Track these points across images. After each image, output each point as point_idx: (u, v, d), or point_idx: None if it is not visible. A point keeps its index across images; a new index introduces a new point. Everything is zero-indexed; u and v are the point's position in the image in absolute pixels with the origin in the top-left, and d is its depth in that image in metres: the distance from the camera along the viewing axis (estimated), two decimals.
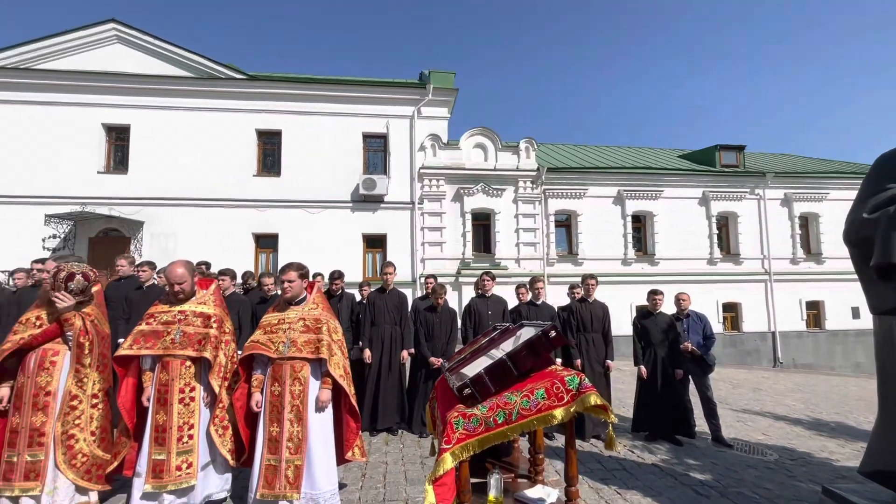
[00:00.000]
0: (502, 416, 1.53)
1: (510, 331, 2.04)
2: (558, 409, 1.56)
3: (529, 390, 1.57)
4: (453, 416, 1.50)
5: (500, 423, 1.53)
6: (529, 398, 1.55)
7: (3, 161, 12.22)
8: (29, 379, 2.96)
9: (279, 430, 3.00)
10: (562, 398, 1.57)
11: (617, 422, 1.60)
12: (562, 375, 1.62)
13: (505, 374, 1.59)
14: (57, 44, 12.73)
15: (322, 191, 13.13)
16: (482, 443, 1.50)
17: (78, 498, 3.03)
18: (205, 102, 13.07)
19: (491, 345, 1.97)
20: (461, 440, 1.48)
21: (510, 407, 1.54)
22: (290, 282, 3.14)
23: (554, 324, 1.67)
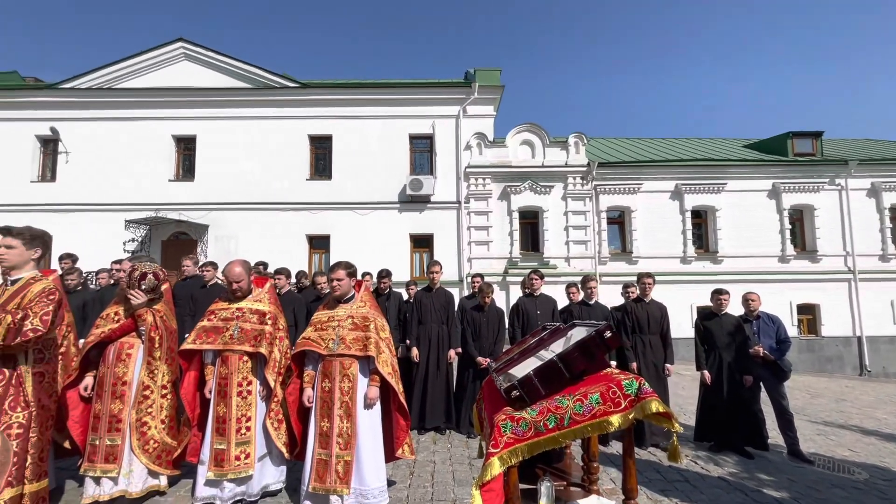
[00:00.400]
0: (553, 421, 1.45)
1: (560, 331, 1.94)
2: (615, 415, 1.45)
3: (583, 394, 1.47)
4: (501, 418, 1.44)
5: (552, 428, 1.44)
6: (583, 403, 1.46)
7: (90, 173, 13.55)
8: (108, 369, 3.22)
9: (329, 426, 3.07)
10: (619, 404, 1.46)
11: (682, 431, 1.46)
12: (618, 379, 1.51)
13: (556, 376, 1.51)
14: (133, 64, 13.93)
15: (371, 192, 13.44)
16: (532, 448, 1.42)
17: (150, 481, 3.25)
18: (261, 111, 13.78)
19: (540, 345, 1.88)
20: (509, 444, 1.41)
21: (562, 411, 1.46)
22: (339, 280, 3.20)
23: (609, 323, 1.56)
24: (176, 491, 3.40)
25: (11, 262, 2.56)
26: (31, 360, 2.48)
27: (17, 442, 2.36)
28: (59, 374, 3.16)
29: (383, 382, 3.14)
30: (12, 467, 2.31)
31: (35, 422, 2.44)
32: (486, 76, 13.78)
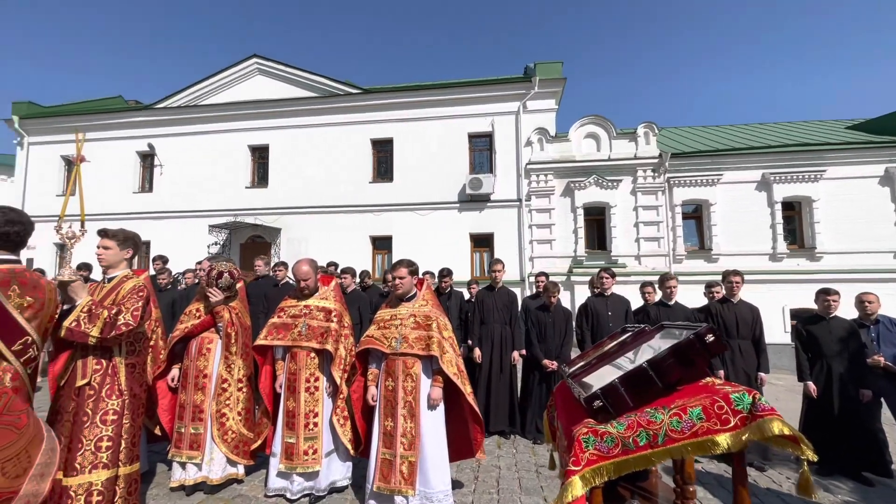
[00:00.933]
0: (645, 438, 1.25)
1: (645, 334, 1.71)
2: (722, 434, 1.22)
3: (680, 408, 1.26)
4: (582, 432, 1.27)
5: (643, 446, 1.25)
6: (681, 418, 1.25)
7: (179, 183, 14.94)
8: (192, 362, 3.44)
9: (393, 425, 3.03)
10: (727, 421, 1.23)
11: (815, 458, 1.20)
12: (725, 392, 1.28)
13: (646, 385, 1.31)
14: (214, 82, 15.14)
15: (431, 193, 13.52)
16: (619, 468, 1.24)
17: (229, 469, 3.42)
18: (327, 119, 14.39)
19: (622, 350, 1.68)
20: (592, 462, 1.24)
21: (655, 427, 1.26)
22: (401, 278, 3.16)
23: (711, 326, 1.33)
24: (251, 480, 3.55)
25: (108, 261, 2.79)
26: (124, 351, 2.67)
27: (113, 427, 2.55)
28: (149, 366, 3.41)
29: (449, 383, 3.06)
30: (107, 451, 2.50)
31: (128, 409, 2.63)
32: (547, 69, 13.34)
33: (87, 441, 2.47)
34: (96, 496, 2.45)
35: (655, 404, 1.30)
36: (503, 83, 13.50)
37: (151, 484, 3.48)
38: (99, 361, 2.58)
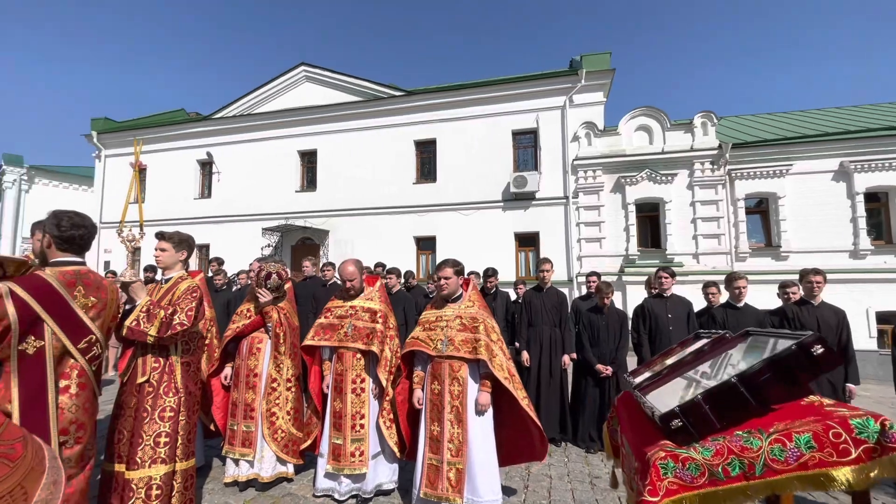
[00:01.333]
0: (738, 467, 1.06)
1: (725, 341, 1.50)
2: (841, 468, 1.01)
3: (783, 433, 1.06)
4: (659, 456, 1.10)
5: (735, 477, 1.06)
6: (785, 445, 1.05)
7: (235, 189, 15.73)
8: (243, 361, 3.51)
9: (440, 430, 2.94)
10: (846, 452, 1.02)
11: None
12: (842, 415, 1.06)
13: (735, 403, 1.11)
14: (265, 91, 15.82)
15: (474, 192, 13.39)
16: (706, 501, 1.06)
17: (279, 467, 3.47)
18: (371, 122, 14.62)
19: (697, 359, 1.48)
20: (673, 492, 1.07)
21: (751, 454, 1.06)
22: (446, 278, 3.06)
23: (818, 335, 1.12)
24: (300, 479, 3.58)
25: (164, 262, 2.89)
26: (179, 350, 2.75)
27: (170, 423, 2.62)
28: (204, 364, 3.53)
29: (500, 388, 2.93)
30: (165, 447, 2.58)
31: (184, 406, 2.70)
32: (594, 61, 12.82)
33: (146, 436, 2.56)
34: (155, 490, 2.53)
35: (748, 426, 1.10)
36: (548, 78, 13.13)
37: (207, 478, 3.59)
38: (157, 360, 2.66)
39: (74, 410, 2.16)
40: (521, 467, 3.93)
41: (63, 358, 2.13)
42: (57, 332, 2.09)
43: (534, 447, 3.18)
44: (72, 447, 2.15)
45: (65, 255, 2.24)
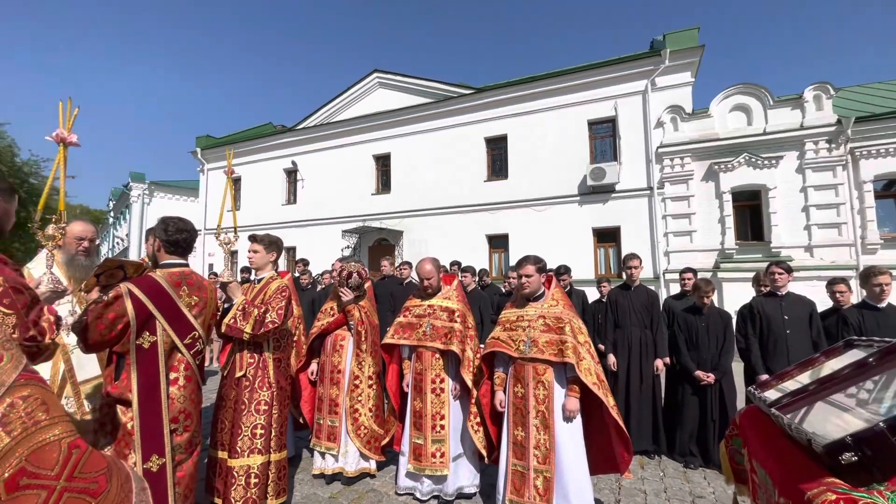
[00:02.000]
0: None
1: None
2: None
3: None
4: (829, 499, 0.87)
5: None
6: None
7: (317, 194, 16.72)
8: (327, 358, 3.63)
9: (524, 435, 2.79)
10: None
11: None
12: None
13: None
14: (342, 100, 16.63)
15: (547, 188, 12.94)
16: None
17: (362, 463, 3.54)
18: (442, 122, 14.73)
19: (859, 374, 1.18)
20: None
21: None
22: (528, 276, 2.90)
23: None
24: (382, 476, 3.62)
25: (257, 263, 3.06)
26: (271, 347, 2.89)
27: (265, 416, 2.76)
28: (293, 360, 3.70)
29: (588, 393, 2.72)
30: (260, 438, 2.72)
31: (276, 400, 2.83)
32: (679, 39, 11.75)
33: (245, 427, 2.71)
34: (254, 478, 2.67)
35: None
36: (627, 62, 12.27)
37: (298, 469, 3.77)
38: (252, 355, 2.82)
39: (182, 401, 2.33)
40: (611, 479, 3.65)
41: (172, 352, 2.31)
42: (167, 329, 2.27)
43: (616, 458, 2.93)
44: (181, 434, 2.33)
45: (172, 258, 2.44)
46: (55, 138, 1.90)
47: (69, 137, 1.92)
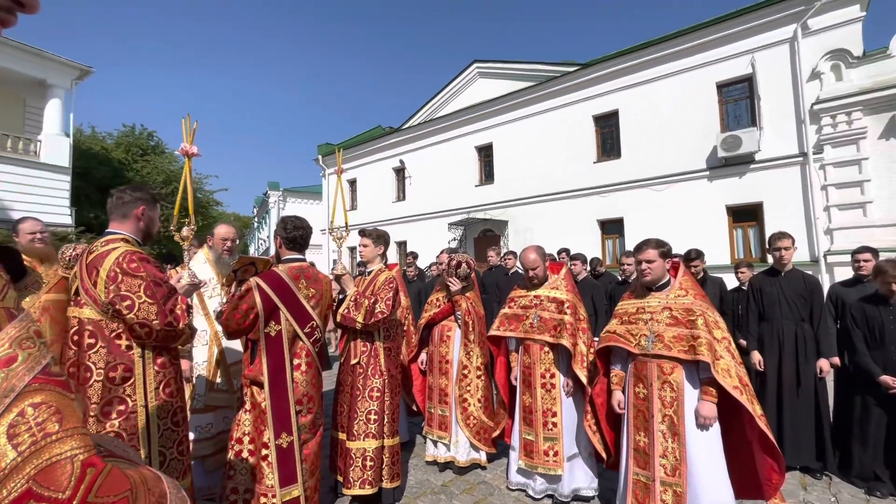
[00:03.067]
0: None
1: None
2: None
3: None
4: None
5: None
6: None
7: (424, 190, 17.35)
8: (435, 348, 3.69)
9: (648, 442, 2.48)
10: None
11: None
12: None
13: None
14: (443, 95, 16.94)
15: (669, 163, 11.59)
16: None
17: (472, 454, 3.52)
18: (544, 105, 14.11)
19: None
20: None
21: None
22: (649, 262, 2.56)
23: None
24: (494, 469, 3.57)
25: (366, 256, 3.20)
26: (382, 336, 3.00)
27: (377, 403, 2.89)
28: (403, 349, 3.83)
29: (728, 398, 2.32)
30: (374, 423, 2.84)
31: (387, 388, 2.94)
32: None
33: (360, 412, 2.86)
34: (369, 461, 2.81)
35: None
36: (767, 6, 10.34)
37: (412, 454, 3.90)
38: (364, 344, 2.96)
39: (304, 385, 2.53)
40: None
41: (294, 340, 2.51)
42: (289, 318, 2.48)
43: (761, 480, 2.44)
44: (305, 415, 2.53)
45: (291, 253, 2.65)
46: (181, 151, 2.18)
47: (191, 149, 2.19)
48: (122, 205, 1.98)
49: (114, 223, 1.99)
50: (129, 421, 1.82)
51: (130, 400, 1.83)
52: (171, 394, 1.95)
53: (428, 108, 17.46)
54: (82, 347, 1.80)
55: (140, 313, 1.79)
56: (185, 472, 1.99)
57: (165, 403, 1.92)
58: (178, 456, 1.95)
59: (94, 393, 1.77)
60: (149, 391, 1.86)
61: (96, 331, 1.81)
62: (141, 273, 1.82)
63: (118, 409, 1.80)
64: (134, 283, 1.80)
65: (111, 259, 1.81)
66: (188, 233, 2.22)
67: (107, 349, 1.81)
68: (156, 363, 1.90)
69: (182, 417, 2.01)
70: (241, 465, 2.41)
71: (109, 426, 1.78)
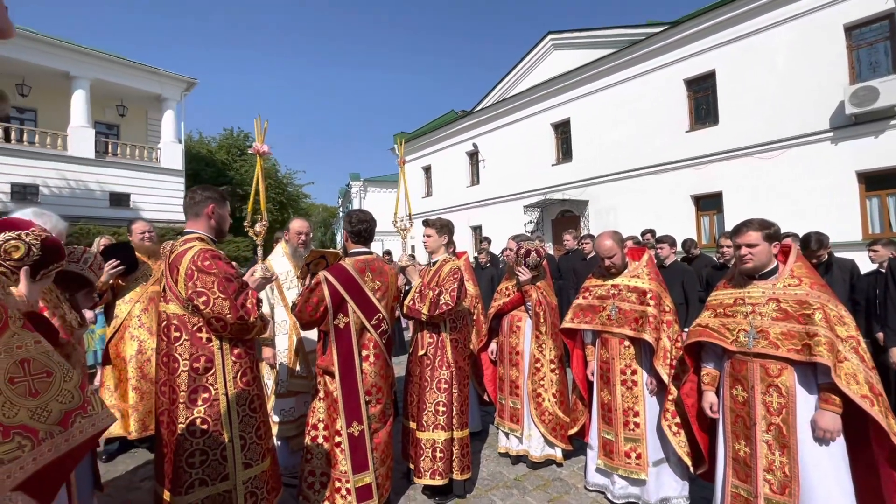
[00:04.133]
0: None
1: None
2: None
3: None
4: None
5: None
6: None
7: (497, 172, 17.03)
8: (505, 339, 3.57)
9: (749, 452, 2.16)
10: None
11: None
12: None
13: None
14: (516, 72, 16.34)
15: (778, 127, 10.07)
16: None
17: (547, 450, 3.38)
18: (628, 72, 12.97)
19: None
20: None
21: None
22: (751, 246, 2.18)
23: None
24: (570, 466, 3.39)
25: (431, 247, 3.16)
26: (448, 328, 2.95)
27: (445, 395, 2.86)
28: (474, 338, 3.77)
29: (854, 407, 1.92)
30: (443, 415, 2.82)
31: (455, 380, 2.90)
32: None
33: (428, 403, 2.86)
34: (439, 452, 2.81)
35: None
36: None
37: (484, 444, 3.86)
38: (431, 336, 2.93)
39: (373, 375, 2.57)
40: None
41: (362, 332, 2.56)
42: (356, 311, 2.52)
43: None
44: (375, 406, 2.58)
45: (357, 247, 2.69)
46: (254, 150, 2.26)
47: (262, 148, 2.27)
48: (193, 204, 2.13)
49: (189, 222, 2.15)
50: (213, 408, 1.96)
51: (213, 388, 1.97)
52: (247, 382, 2.07)
53: (500, 88, 16.98)
54: (170, 340, 1.97)
55: (215, 308, 1.91)
56: (264, 454, 2.12)
57: (243, 391, 2.05)
58: (256, 440, 2.08)
59: (182, 381, 1.94)
60: (228, 380, 2.00)
61: (181, 325, 1.98)
62: (213, 270, 1.94)
63: (203, 396, 1.96)
64: (208, 279, 1.92)
65: (188, 258, 1.95)
66: (261, 228, 2.33)
67: (190, 342, 1.96)
68: (233, 354, 2.03)
69: (259, 404, 2.14)
70: (317, 450, 2.53)
71: (197, 412, 1.94)
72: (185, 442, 1.92)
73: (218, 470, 1.96)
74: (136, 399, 3.33)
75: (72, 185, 14.51)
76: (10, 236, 1.63)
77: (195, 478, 1.92)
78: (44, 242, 1.72)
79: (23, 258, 1.67)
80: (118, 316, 3.39)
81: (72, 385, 0.98)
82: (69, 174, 14.41)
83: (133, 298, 3.39)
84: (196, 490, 1.92)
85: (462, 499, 2.94)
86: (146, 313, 3.38)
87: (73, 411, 0.96)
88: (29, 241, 1.66)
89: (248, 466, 2.02)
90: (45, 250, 1.69)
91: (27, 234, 1.69)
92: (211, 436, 1.95)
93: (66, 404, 0.95)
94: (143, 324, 3.38)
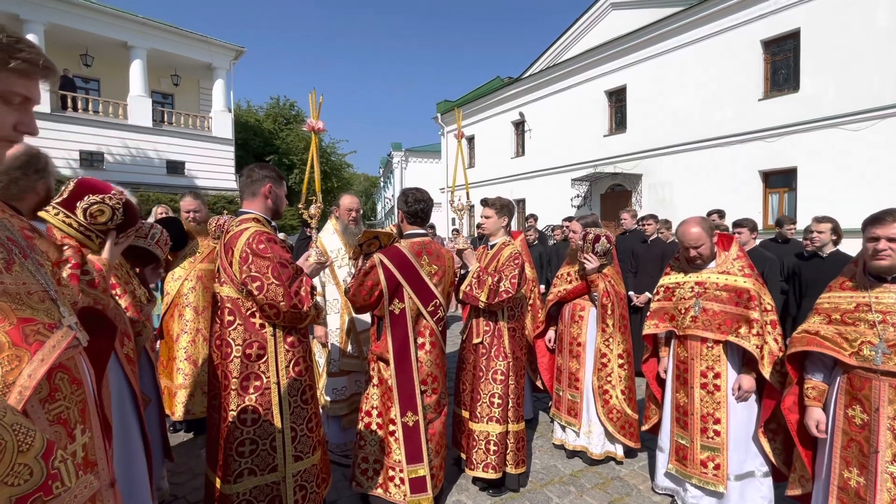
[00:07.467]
0: None
1: None
2: None
3: None
4: None
5: None
6: None
7: (544, 143, 16.27)
8: (565, 328, 3.33)
9: (865, 484, 1.86)
10: None
11: None
12: None
13: None
14: (569, 35, 15.27)
15: (874, 94, 8.87)
16: None
17: (608, 446, 3.18)
18: (695, 33, 11.76)
19: None
20: None
21: None
22: (892, 240, 1.80)
23: None
24: (631, 465, 3.18)
25: (489, 229, 2.93)
26: (505, 316, 2.75)
27: (501, 386, 2.69)
28: (529, 323, 3.55)
29: None
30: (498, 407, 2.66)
31: (512, 371, 2.72)
32: None
33: (483, 394, 2.70)
34: (493, 446, 2.66)
35: None
36: None
37: (536, 433, 3.69)
38: (487, 323, 2.74)
39: (429, 364, 2.42)
40: None
41: (418, 318, 2.40)
42: (412, 296, 2.35)
43: None
44: (430, 396, 2.44)
45: (413, 228, 2.50)
46: (308, 128, 2.08)
47: (317, 125, 2.08)
48: (251, 183, 2.00)
49: (245, 202, 2.02)
50: (264, 396, 1.88)
51: (265, 376, 1.88)
52: (300, 372, 1.97)
53: (551, 52, 15.98)
54: (223, 323, 1.88)
55: (269, 294, 1.79)
56: (315, 447, 2.04)
57: (295, 381, 1.95)
58: (307, 433, 1.99)
59: (234, 367, 1.85)
60: (280, 368, 1.90)
61: (234, 308, 1.88)
62: (269, 254, 1.81)
63: (255, 384, 1.87)
64: (263, 264, 1.80)
65: (243, 240, 1.83)
66: (316, 211, 2.18)
67: (244, 326, 1.87)
68: (286, 342, 1.93)
69: (311, 395, 2.04)
70: (370, 436, 2.45)
71: (248, 400, 1.86)
72: (236, 430, 1.86)
73: (267, 461, 1.90)
74: (181, 380, 3.38)
75: (133, 153, 15.20)
76: (95, 200, 1.64)
77: (244, 467, 1.87)
78: (125, 206, 1.73)
79: (107, 222, 1.68)
80: (168, 293, 3.41)
81: (31, 456, 0.66)
82: (130, 142, 15.07)
83: (181, 276, 3.38)
84: (245, 479, 1.87)
85: (516, 493, 2.81)
86: (193, 292, 3.37)
87: (30, 496, 0.66)
88: (112, 205, 1.67)
89: (298, 459, 1.95)
90: (126, 214, 1.72)
91: (110, 197, 1.69)
92: (261, 425, 1.88)
93: (17, 487, 0.64)
94: (189, 303, 3.38)
